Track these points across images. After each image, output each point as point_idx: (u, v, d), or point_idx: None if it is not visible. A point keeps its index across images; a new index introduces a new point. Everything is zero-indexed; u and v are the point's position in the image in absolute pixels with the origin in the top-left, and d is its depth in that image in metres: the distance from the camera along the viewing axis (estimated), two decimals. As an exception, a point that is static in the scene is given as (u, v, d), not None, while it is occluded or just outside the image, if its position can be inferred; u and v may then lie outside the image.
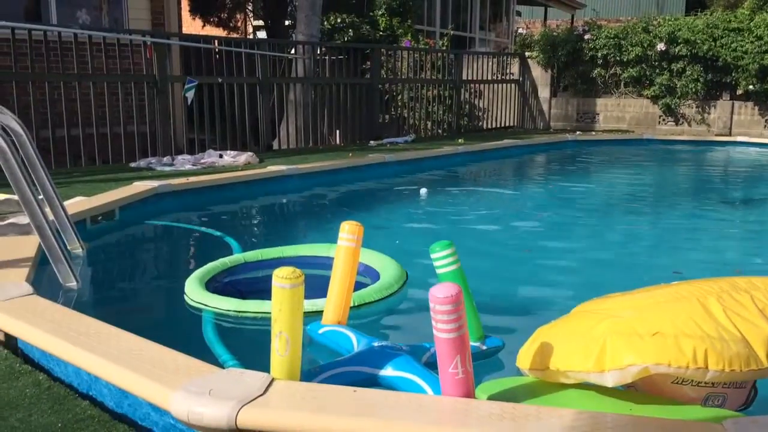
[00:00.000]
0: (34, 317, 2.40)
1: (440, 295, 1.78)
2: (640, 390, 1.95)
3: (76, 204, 4.62)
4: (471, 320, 2.46)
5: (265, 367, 1.98)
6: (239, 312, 2.95)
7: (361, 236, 2.71)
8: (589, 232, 5.39)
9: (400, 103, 11.85)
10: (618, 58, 13.35)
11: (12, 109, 4.03)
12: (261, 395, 1.77)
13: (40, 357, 2.36)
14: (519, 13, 20.89)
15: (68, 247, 3.63)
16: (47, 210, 3.44)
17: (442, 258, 2.42)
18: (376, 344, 2.42)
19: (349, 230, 2.68)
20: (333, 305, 2.68)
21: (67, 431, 1.88)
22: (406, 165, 8.28)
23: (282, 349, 1.94)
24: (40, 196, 3.44)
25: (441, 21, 15.41)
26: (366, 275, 3.50)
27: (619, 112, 13.77)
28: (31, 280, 2.92)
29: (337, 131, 10.64)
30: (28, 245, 3.36)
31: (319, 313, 2.75)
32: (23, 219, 3.15)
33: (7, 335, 2.47)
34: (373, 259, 3.58)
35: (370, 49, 10.95)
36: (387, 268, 3.44)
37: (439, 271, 2.42)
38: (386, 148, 9.55)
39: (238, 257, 3.65)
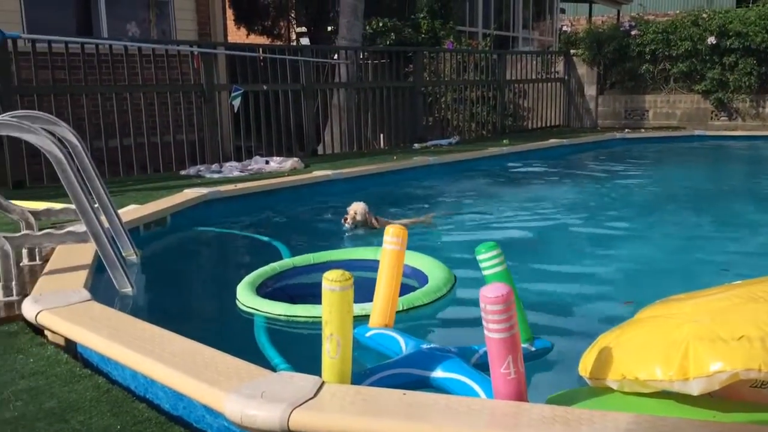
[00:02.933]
0: (92, 322, 2.48)
1: (491, 295, 1.78)
2: (716, 396, 1.87)
3: (130, 212, 4.75)
4: (519, 321, 2.44)
5: (315, 370, 2.00)
6: (289, 316, 3.00)
7: (406, 239, 2.72)
8: (639, 231, 5.28)
9: (443, 105, 11.82)
10: (667, 53, 13.05)
11: (67, 121, 4.18)
12: (312, 398, 1.79)
13: (98, 361, 2.43)
14: (563, 11, 20.61)
15: (123, 254, 3.73)
16: (103, 218, 3.55)
17: (488, 259, 2.40)
18: (424, 347, 2.42)
19: (393, 233, 2.69)
20: (379, 308, 2.69)
21: (126, 433, 1.93)
22: (451, 167, 8.26)
23: (333, 351, 1.96)
24: (96, 205, 3.55)
25: (483, 21, 15.32)
26: (414, 278, 3.51)
27: (669, 109, 13.44)
28: (89, 286, 3.01)
29: (381, 135, 10.68)
30: (85, 252, 3.47)
31: (368, 317, 2.76)
32: (80, 227, 3.25)
33: (67, 340, 2.55)
34: (420, 262, 3.59)
35: (413, 52, 10.96)
36: (435, 271, 3.44)
37: (485, 272, 2.41)
38: (430, 151, 9.54)
39: (287, 261, 3.70)
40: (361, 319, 2.76)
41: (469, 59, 12.07)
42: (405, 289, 2.99)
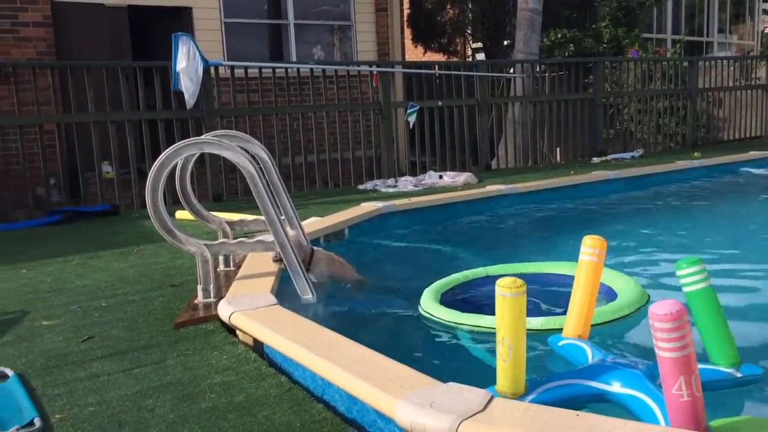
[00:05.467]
0: (277, 325, 2.66)
1: (660, 312, 1.74)
2: None
3: (312, 224, 5.03)
4: (724, 344, 2.28)
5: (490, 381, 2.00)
6: (457, 324, 3.07)
7: (604, 251, 2.64)
8: None
9: (626, 117, 11.24)
10: None
11: (259, 139, 4.55)
12: (481, 411, 1.78)
13: (282, 361, 2.60)
14: (766, 12, 18.75)
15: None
16: (288, 229, 3.80)
17: (689, 275, 2.26)
18: (608, 360, 2.34)
19: (591, 244, 2.63)
20: (573, 319, 2.66)
21: (305, 431, 2.05)
22: (633, 182, 7.80)
23: (505, 354, 2.02)
24: (282, 217, 3.81)
25: (673, 27, 14.38)
26: (603, 293, 3.40)
27: None
28: (275, 291, 3.24)
29: (558, 149, 10.38)
30: (272, 261, 3.73)
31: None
32: (268, 237, 3.51)
33: (255, 340, 2.76)
34: (609, 277, 3.47)
35: (593, 63, 10.56)
36: (625, 287, 3.32)
37: (686, 289, 2.28)
38: (611, 165, 9.10)
39: (480, 271, 3.73)
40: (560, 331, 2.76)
41: (655, 68, 11.38)
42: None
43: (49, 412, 2.24)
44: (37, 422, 2.13)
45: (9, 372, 2.57)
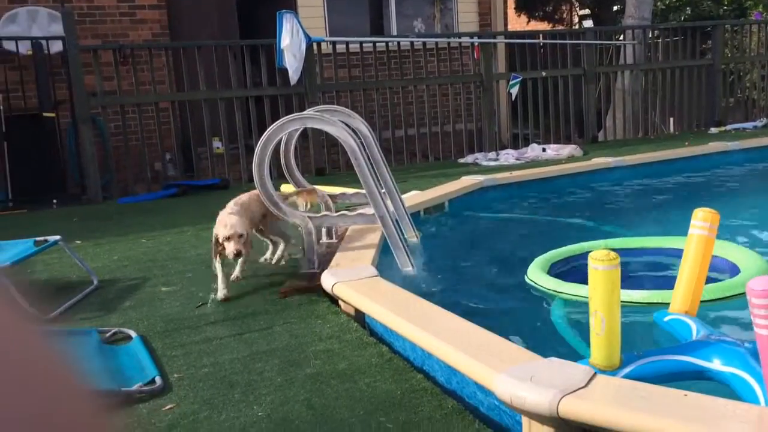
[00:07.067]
0: (378, 296, 2.72)
1: (758, 287, 1.67)
2: None
3: (412, 197, 5.06)
4: None
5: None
6: (557, 292, 3.09)
7: (716, 224, 2.52)
8: None
9: (748, 84, 10.48)
10: None
11: (360, 114, 4.60)
12: (583, 387, 1.75)
13: (382, 331, 2.66)
14: None
15: (405, 236, 4.00)
16: (388, 202, 3.84)
17: None
18: (713, 336, 2.24)
19: (702, 217, 2.51)
20: (681, 294, 2.57)
21: (405, 399, 2.09)
22: (755, 153, 7.28)
23: (597, 327, 2.00)
24: (383, 190, 3.85)
25: (802, -16, 13.18)
26: (724, 269, 3.25)
27: None
28: (375, 263, 3.29)
29: (671, 119, 9.85)
30: (373, 233, 3.80)
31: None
32: (369, 210, 3.57)
33: (357, 310, 2.83)
34: (732, 251, 3.30)
35: (711, 27, 9.89)
36: (749, 262, 3.16)
37: None
38: (730, 135, 8.54)
39: (597, 243, 3.68)
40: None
41: (782, 29, 10.52)
42: (711, 280, 2.80)
43: (168, 372, 2.41)
44: (158, 380, 2.30)
45: (132, 334, 2.78)
